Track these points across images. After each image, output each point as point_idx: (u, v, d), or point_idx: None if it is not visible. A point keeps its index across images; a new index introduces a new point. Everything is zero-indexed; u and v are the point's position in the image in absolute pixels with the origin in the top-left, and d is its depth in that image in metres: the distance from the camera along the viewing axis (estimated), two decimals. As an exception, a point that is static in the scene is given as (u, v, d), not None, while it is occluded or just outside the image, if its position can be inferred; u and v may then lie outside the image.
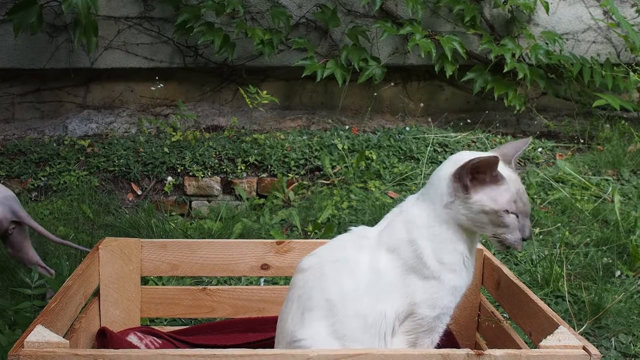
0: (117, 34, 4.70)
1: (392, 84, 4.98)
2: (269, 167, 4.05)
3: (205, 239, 3.01)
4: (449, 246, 1.67)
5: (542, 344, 1.49)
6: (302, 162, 4.10)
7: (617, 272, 2.96)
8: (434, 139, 4.30)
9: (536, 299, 1.74)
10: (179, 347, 2.06)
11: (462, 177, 1.62)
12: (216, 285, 2.76)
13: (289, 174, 4.02)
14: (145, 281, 2.77)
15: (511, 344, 1.84)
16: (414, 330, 1.68)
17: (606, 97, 4.50)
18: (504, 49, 4.50)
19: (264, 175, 4.05)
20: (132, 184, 4.00)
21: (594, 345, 2.37)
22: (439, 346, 1.68)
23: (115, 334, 1.96)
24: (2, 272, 2.90)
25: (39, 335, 1.42)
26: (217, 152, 4.14)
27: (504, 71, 4.50)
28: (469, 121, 4.84)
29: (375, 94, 4.94)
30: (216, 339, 2.12)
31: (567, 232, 3.31)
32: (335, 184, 3.91)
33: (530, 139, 1.76)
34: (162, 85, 4.79)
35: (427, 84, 5.10)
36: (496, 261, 2.03)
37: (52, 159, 4.08)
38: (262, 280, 2.86)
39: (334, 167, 4.03)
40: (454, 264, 1.67)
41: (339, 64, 4.56)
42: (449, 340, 2.07)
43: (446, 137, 4.36)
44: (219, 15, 4.40)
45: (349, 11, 4.79)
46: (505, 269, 1.97)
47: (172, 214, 3.87)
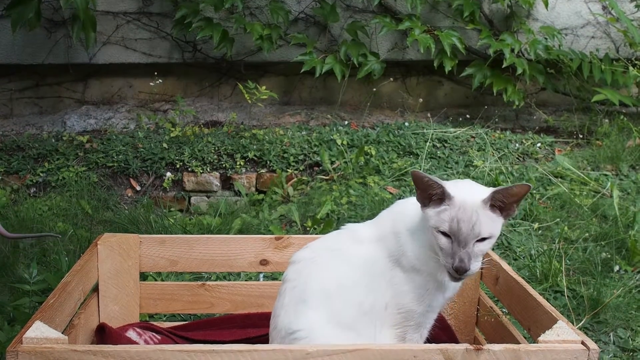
0: (115, 30, 4.69)
1: (391, 79, 4.97)
2: (268, 162, 4.05)
3: (204, 234, 3.01)
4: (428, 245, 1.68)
5: (540, 338, 1.49)
6: (301, 157, 4.09)
7: (616, 267, 2.96)
8: (433, 134, 4.30)
9: (535, 294, 1.74)
10: (178, 343, 2.06)
11: (416, 187, 1.65)
12: (215, 280, 2.76)
13: (288, 170, 4.02)
14: (144, 277, 2.77)
15: (510, 339, 1.84)
16: (401, 324, 1.69)
17: (605, 92, 4.49)
18: (503, 44, 4.49)
19: (263, 170, 4.05)
20: (131, 180, 3.99)
21: (593, 340, 2.38)
22: (438, 341, 1.68)
23: (114, 329, 1.96)
24: (0, 269, 2.90)
25: (38, 331, 1.42)
26: (216, 148, 4.14)
27: (503, 66, 4.49)
28: (468, 116, 4.84)
29: (374, 89, 4.94)
30: (215, 334, 2.12)
31: (565, 227, 3.31)
32: (334, 179, 3.91)
33: (530, 187, 1.70)
34: (160, 80, 4.78)
35: (426, 79, 5.10)
36: (495, 256, 2.04)
37: (50, 155, 4.08)
38: (261, 275, 2.86)
39: (333, 163, 4.02)
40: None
41: (338, 60, 4.55)
42: (447, 335, 2.07)
43: (445, 132, 4.36)
44: (218, 10, 4.39)
45: (347, 6, 4.79)
46: (504, 264, 1.97)
47: (171, 209, 3.87)
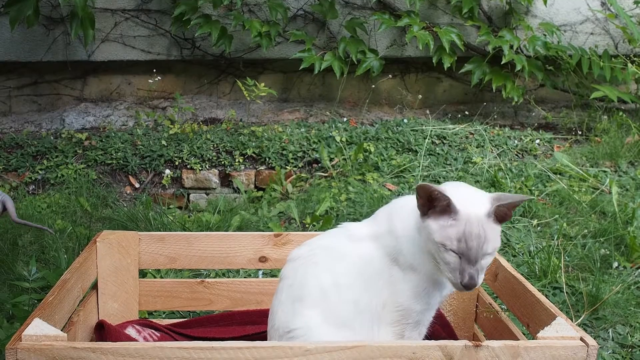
0: (114, 27, 4.68)
1: (390, 76, 4.97)
2: (267, 159, 4.05)
3: (203, 231, 3.01)
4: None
5: (539, 335, 1.49)
6: (300, 154, 4.09)
7: (615, 264, 2.96)
8: (432, 130, 4.30)
9: (534, 290, 1.74)
10: (177, 340, 2.06)
11: (419, 198, 1.60)
12: (214, 277, 2.76)
13: (287, 167, 4.02)
14: (143, 274, 2.77)
15: (509, 335, 1.85)
16: (399, 322, 1.68)
17: (604, 89, 4.49)
18: (502, 40, 4.49)
19: (262, 167, 4.05)
20: (130, 177, 3.99)
21: (592, 336, 2.38)
22: (437, 338, 1.68)
23: (113, 327, 1.96)
24: (0, 266, 2.90)
25: (37, 328, 1.42)
26: (215, 145, 4.14)
27: (502, 63, 4.49)
28: (467, 113, 4.84)
29: (373, 86, 4.93)
30: (214, 331, 2.12)
31: (564, 224, 3.31)
32: (333, 176, 3.91)
33: (528, 197, 1.70)
34: (159, 77, 4.78)
35: (425, 76, 5.09)
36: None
37: (49, 152, 4.08)
38: (260, 272, 2.86)
39: (332, 160, 4.02)
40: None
41: (337, 56, 4.55)
42: (447, 331, 2.08)
43: (444, 129, 4.36)
44: (216, 7, 4.38)
45: (346, 3, 4.78)
46: (503, 261, 1.97)
47: (170, 206, 3.87)
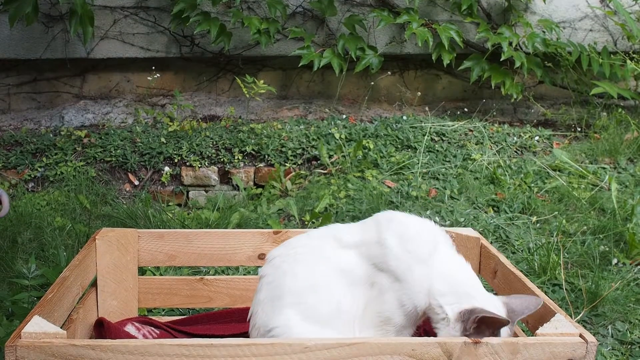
0: (113, 24, 4.68)
1: (389, 73, 4.97)
2: (266, 156, 4.05)
3: (202, 229, 3.01)
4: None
5: (539, 331, 1.49)
6: (299, 151, 4.09)
7: (614, 260, 2.96)
8: (431, 128, 4.29)
9: (533, 287, 1.74)
10: (176, 337, 2.07)
11: (466, 322, 1.56)
12: (213, 275, 2.76)
13: (286, 164, 4.02)
14: (142, 271, 2.77)
15: (508, 332, 1.84)
16: (381, 327, 1.67)
17: (603, 85, 4.49)
18: (501, 37, 4.49)
19: (261, 165, 4.05)
20: (129, 175, 3.99)
21: (591, 332, 2.38)
22: (435, 334, 1.68)
23: (112, 324, 1.96)
24: (-1, 263, 2.91)
25: (37, 325, 1.42)
26: (214, 142, 4.13)
27: (501, 60, 4.49)
28: (466, 110, 4.84)
29: (372, 83, 4.93)
30: (214, 328, 2.12)
31: (564, 221, 3.31)
32: (332, 173, 3.91)
33: (541, 302, 1.63)
34: (158, 75, 4.78)
35: (424, 73, 5.09)
36: (493, 250, 2.04)
37: (48, 150, 4.07)
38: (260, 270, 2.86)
39: (331, 157, 4.02)
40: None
41: (336, 53, 4.55)
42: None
43: (443, 126, 4.36)
44: (215, 4, 4.38)
45: (345, 0, 4.78)
46: (502, 258, 1.97)
47: (170, 204, 3.87)
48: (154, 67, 4.77)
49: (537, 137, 4.36)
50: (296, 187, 3.88)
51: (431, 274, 1.65)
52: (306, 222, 3.40)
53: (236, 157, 4.04)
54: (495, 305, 1.61)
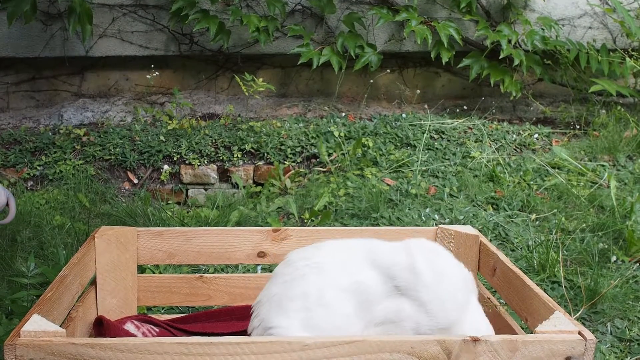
0: (111, 22, 4.67)
1: (388, 70, 4.97)
2: (266, 154, 4.05)
3: (202, 227, 3.01)
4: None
5: (538, 329, 1.49)
6: (298, 149, 4.09)
7: (613, 258, 2.97)
8: (430, 125, 4.29)
9: (532, 284, 1.74)
10: (176, 335, 2.07)
11: None
12: (213, 273, 2.76)
13: (286, 162, 4.02)
14: (141, 270, 2.77)
15: (507, 329, 1.85)
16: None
17: (602, 83, 4.49)
18: (500, 35, 4.49)
19: (260, 163, 4.05)
20: (128, 173, 3.99)
21: (590, 330, 2.38)
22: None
23: (112, 322, 1.96)
24: (-2, 262, 2.91)
25: (36, 324, 1.42)
26: (214, 140, 4.13)
27: (500, 57, 4.49)
28: (465, 107, 4.84)
29: (371, 81, 4.93)
30: (213, 326, 2.12)
31: (563, 218, 3.31)
32: (331, 171, 3.91)
33: None
34: (157, 73, 4.78)
35: (424, 71, 5.09)
36: (492, 247, 2.04)
37: (47, 148, 4.07)
38: (259, 268, 2.87)
39: (330, 155, 4.02)
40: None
41: (335, 51, 4.55)
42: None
43: (442, 123, 4.36)
44: (214, 2, 4.38)
45: (344, -2, 4.78)
46: (501, 255, 1.97)
47: (169, 202, 3.87)
48: (152, 66, 4.77)
49: (536, 135, 4.36)
50: (295, 185, 3.88)
51: (462, 322, 1.65)
52: (305, 220, 3.40)
53: (235, 155, 4.04)
54: None
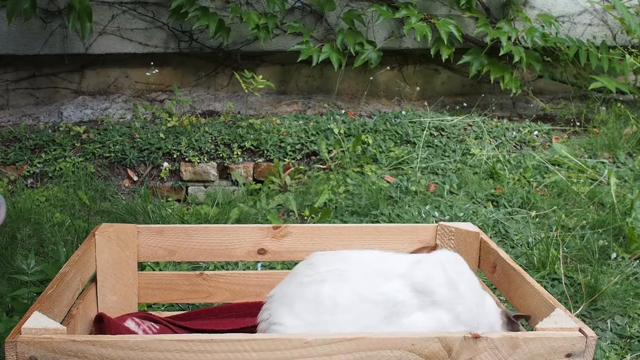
0: (111, 19, 4.67)
1: (388, 67, 4.97)
2: (265, 152, 4.05)
3: (202, 224, 3.01)
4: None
5: (538, 326, 1.49)
6: (298, 146, 4.09)
7: (613, 255, 2.97)
8: (430, 122, 4.29)
9: (532, 281, 1.74)
10: (176, 333, 2.07)
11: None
12: (213, 270, 2.76)
13: (285, 159, 4.02)
14: (142, 267, 2.77)
15: (508, 326, 1.85)
16: None
17: (602, 80, 4.49)
18: (500, 32, 4.49)
19: (260, 160, 4.05)
20: (128, 170, 3.99)
21: (590, 327, 2.38)
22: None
23: (112, 319, 1.96)
24: (-2, 259, 2.91)
25: (36, 321, 1.42)
26: (213, 138, 4.13)
27: (500, 54, 4.49)
28: (465, 105, 4.84)
29: (371, 78, 4.93)
30: (214, 323, 2.13)
31: (563, 215, 3.31)
32: (331, 168, 3.91)
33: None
34: (157, 70, 4.77)
35: (423, 68, 5.09)
36: (492, 244, 2.04)
37: (47, 146, 4.07)
38: (259, 265, 2.87)
39: (330, 152, 4.02)
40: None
41: (335, 48, 4.54)
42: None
43: (442, 120, 4.36)
44: (214, -1, 4.38)
45: (344, -5, 4.78)
46: (501, 252, 1.97)
47: (169, 199, 3.87)
48: (152, 63, 4.76)
49: (536, 132, 4.36)
50: (295, 183, 3.88)
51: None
52: (305, 217, 3.40)
53: (235, 153, 4.04)
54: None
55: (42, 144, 4.08)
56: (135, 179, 3.96)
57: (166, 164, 3.99)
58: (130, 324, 2.03)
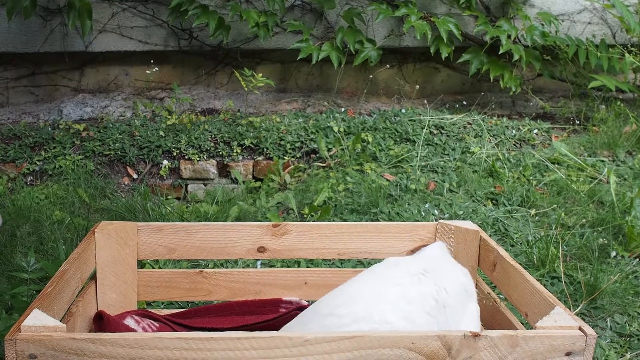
0: (111, 17, 4.67)
1: (388, 66, 4.96)
2: (265, 150, 4.05)
3: (201, 222, 3.01)
4: None
5: (538, 324, 1.49)
6: (298, 144, 4.09)
7: (613, 253, 2.97)
8: (429, 120, 4.29)
9: (532, 280, 1.74)
10: (176, 330, 2.07)
11: None
12: (213, 268, 2.76)
13: (285, 157, 4.02)
14: (141, 265, 2.77)
15: (507, 325, 1.85)
16: None
17: (602, 78, 4.49)
18: (500, 30, 4.48)
19: (259, 158, 4.05)
20: (128, 168, 3.99)
21: (590, 325, 2.39)
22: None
23: (112, 317, 1.96)
24: (-2, 257, 2.91)
25: (36, 319, 1.42)
26: (213, 136, 4.13)
27: (500, 53, 4.49)
28: (464, 103, 4.84)
29: (370, 76, 4.93)
30: (213, 321, 2.13)
31: (562, 214, 3.32)
32: (331, 166, 3.91)
33: None
34: (157, 68, 4.77)
35: (423, 66, 5.09)
36: (492, 242, 2.04)
37: (47, 143, 4.07)
38: (259, 263, 2.87)
39: (329, 150, 4.02)
40: None
41: (335, 47, 4.54)
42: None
43: (442, 119, 4.36)
44: (214, -3, 4.38)
45: (344, -7, 4.78)
46: (501, 250, 1.97)
47: (168, 197, 3.87)
48: (152, 61, 4.76)
49: (535, 130, 4.36)
50: (295, 181, 3.88)
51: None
52: (305, 215, 3.40)
53: (235, 151, 4.04)
54: None
55: (41, 142, 4.08)
56: (134, 176, 3.96)
57: (166, 162, 3.99)
58: (129, 321, 2.03)
